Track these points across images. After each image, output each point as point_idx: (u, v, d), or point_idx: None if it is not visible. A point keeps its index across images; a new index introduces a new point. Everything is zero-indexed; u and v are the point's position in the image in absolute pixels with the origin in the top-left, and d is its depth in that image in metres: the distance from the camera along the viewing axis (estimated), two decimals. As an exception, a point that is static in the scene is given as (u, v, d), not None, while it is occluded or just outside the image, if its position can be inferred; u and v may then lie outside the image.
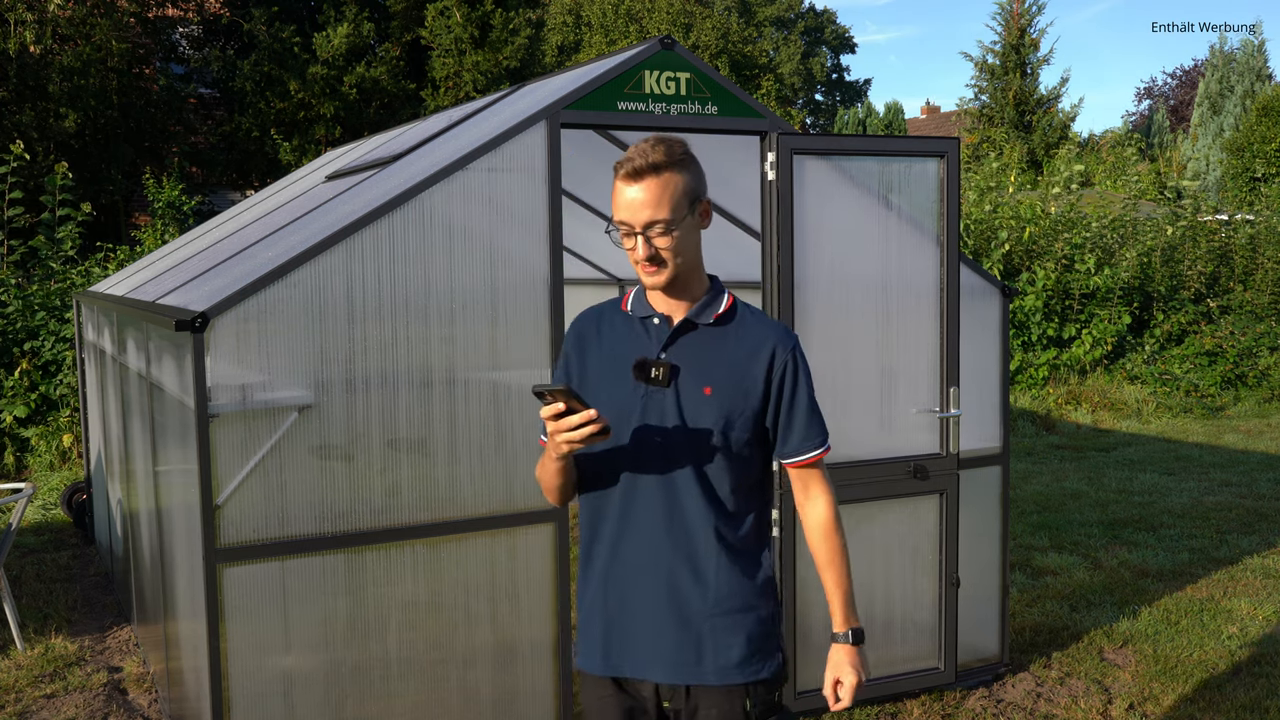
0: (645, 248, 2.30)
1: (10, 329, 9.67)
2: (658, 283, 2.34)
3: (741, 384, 2.39)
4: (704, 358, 2.39)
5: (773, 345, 2.41)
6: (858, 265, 4.52)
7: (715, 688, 2.39)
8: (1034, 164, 27.98)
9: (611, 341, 2.45)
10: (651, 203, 2.27)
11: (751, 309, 2.48)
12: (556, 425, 2.21)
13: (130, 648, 5.55)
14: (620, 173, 2.30)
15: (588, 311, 2.54)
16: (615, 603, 2.43)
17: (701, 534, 2.38)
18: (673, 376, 2.37)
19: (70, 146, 15.25)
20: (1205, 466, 9.59)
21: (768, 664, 2.44)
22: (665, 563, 2.38)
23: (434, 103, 17.80)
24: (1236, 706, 4.70)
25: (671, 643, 2.39)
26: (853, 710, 4.63)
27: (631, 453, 2.38)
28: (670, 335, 2.40)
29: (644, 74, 4.17)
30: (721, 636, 2.39)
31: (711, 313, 2.41)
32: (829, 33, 45.47)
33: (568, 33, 32.55)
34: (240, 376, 3.56)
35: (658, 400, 2.37)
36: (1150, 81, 60.16)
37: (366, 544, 3.77)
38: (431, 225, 3.84)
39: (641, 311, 2.44)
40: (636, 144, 2.31)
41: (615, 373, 2.42)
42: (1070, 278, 13.42)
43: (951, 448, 4.69)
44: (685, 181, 2.30)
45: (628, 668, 2.43)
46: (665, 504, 2.38)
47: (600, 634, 2.46)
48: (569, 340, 2.52)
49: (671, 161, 2.28)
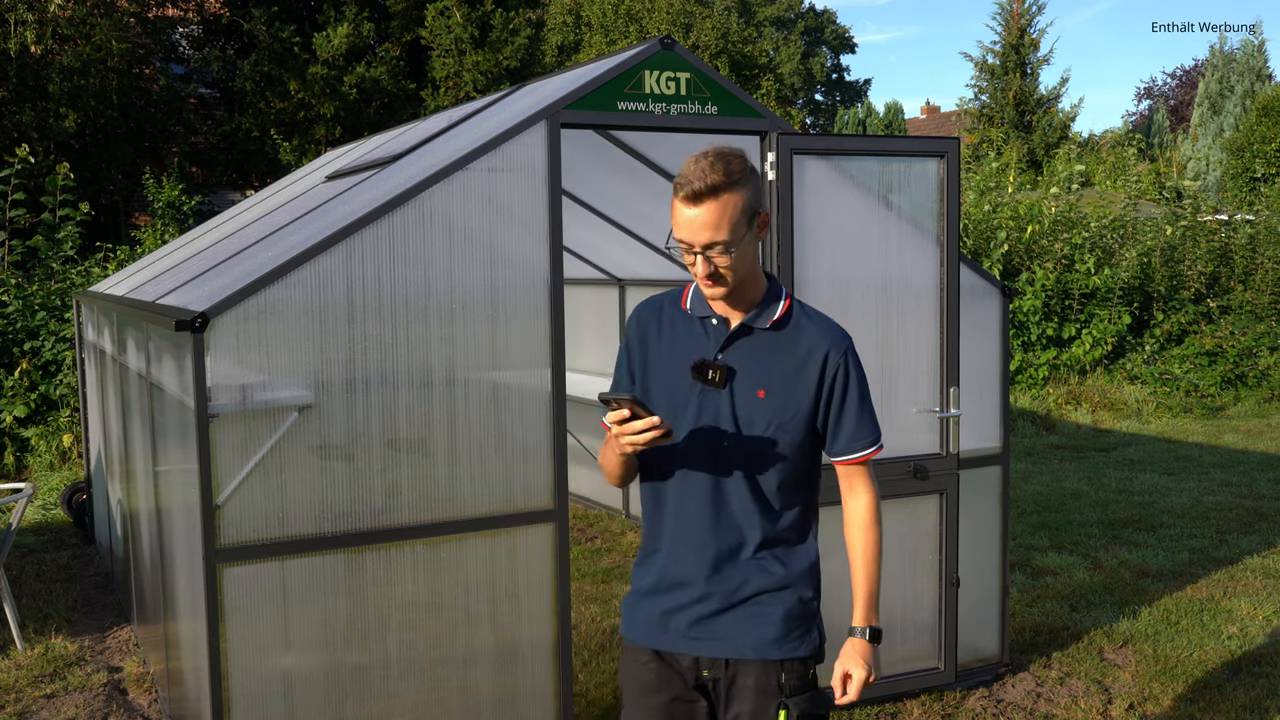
0: (705, 266, 2.35)
1: (10, 329, 9.67)
2: (717, 294, 2.41)
3: (795, 389, 2.45)
4: (759, 361, 2.46)
5: (826, 349, 2.47)
6: (858, 265, 4.52)
7: (753, 661, 2.49)
8: (1034, 164, 27.98)
9: (671, 338, 2.52)
10: (711, 225, 2.30)
11: (808, 311, 2.53)
12: (621, 429, 2.30)
13: (130, 648, 5.55)
14: (679, 195, 2.32)
15: (649, 302, 2.60)
16: (664, 589, 2.52)
17: (746, 529, 2.47)
18: (728, 379, 2.44)
19: (70, 146, 15.25)
20: (1205, 466, 9.59)
21: (804, 643, 2.52)
22: (710, 554, 2.47)
23: (434, 103, 17.80)
24: (1236, 706, 4.70)
25: (714, 623, 2.49)
26: (853, 710, 4.63)
27: (685, 449, 2.46)
28: (727, 338, 2.46)
29: (644, 74, 4.17)
30: (761, 615, 2.48)
31: (768, 318, 2.47)
32: (829, 33, 45.47)
33: (568, 33, 32.55)
34: (240, 376, 3.56)
35: (713, 400, 2.45)
36: (1150, 81, 60.17)
37: (366, 544, 3.77)
38: (431, 225, 3.84)
39: (701, 311, 2.50)
40: (695, 160, 2.32)
41: (674, 369, 2.49)
42: (1070, 278, 13.42)
43: (951, 448, 4.68)
44: (744, 199, 2.33)
45: (668, 641, 2.53)
46: (713, 500, 2.46)
47: (647, 613, 2.55)
48: (631, 329, 2.59)
49: (730, 182, 2.30)
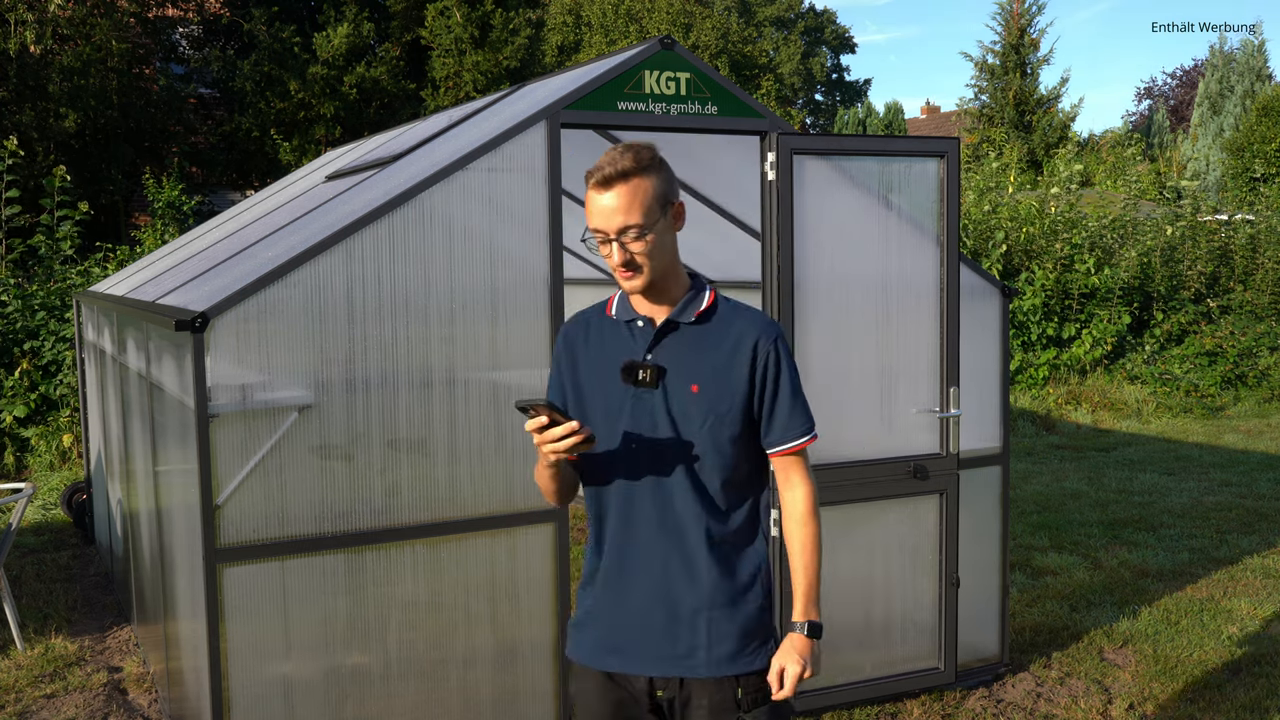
0: (620, 253, 2.35)
1: (10, 329, 9.67)
2: (635, 287, 2.39)
3: (727, 380, 2.43)
4: (689, 356, 2.44)
5: (755, 337, 2.45)
6: (858, 265, 4.52)
7: (708, 679, 2.44)
8: (1034, 164, 27.98)
9: (599, 346, 2.50)
10: (624, 209, 2.32)
11: (733, 303, 2.51)
12: (541, 438, 2.27)
13: (130, 648, 5.55)
14: (591, 181, 2.34)
15: (575, 318, 2.59)
16: (612, 601, 2.48)
17: (693, 530, 2.43)
18: (659, 377, 2.42)
19: (70, 146, 15.25)
20: (1205, 466, 9.59)
21: (760, 655, 2.48)
22: (659, 560, 2.43)
23: (434, 103, 17.80)
24: (1236, 706, 4.70)
25: (666, 639, 2.44)
26: (853, 710, 4.63)
27: (624, 454, 2.44)
28: (654, 337, 2.45)
29: (644, 74, 4.17)
30: (715, 629, 2.43)
31: (693, 311, 2.45)
32: (829, 33, 45.46)
33: (568, 33, 32.55)
34: (240, 376, 3.56)
35: (646, 401, 2.42)
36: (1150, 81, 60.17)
37: (366, 544, 3.77)
38: (431, 225, 3.84)
39: (625, 315, 2.49)
40: (606, 152, 2.36)
41: (605, 377, 2.47)
42: (1070, 277, 13.42)
43: (951, 448, 4.68)
44: (656, 185, 2.34)
45: (619, 663, 2.48)
46: (658, 502, 2.43)
47: (596, 630, 2.51)
48: (559, 347, 2.58)
49: (641, 167, 2.32)
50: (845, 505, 4.52)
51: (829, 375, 4.48)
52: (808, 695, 4.53)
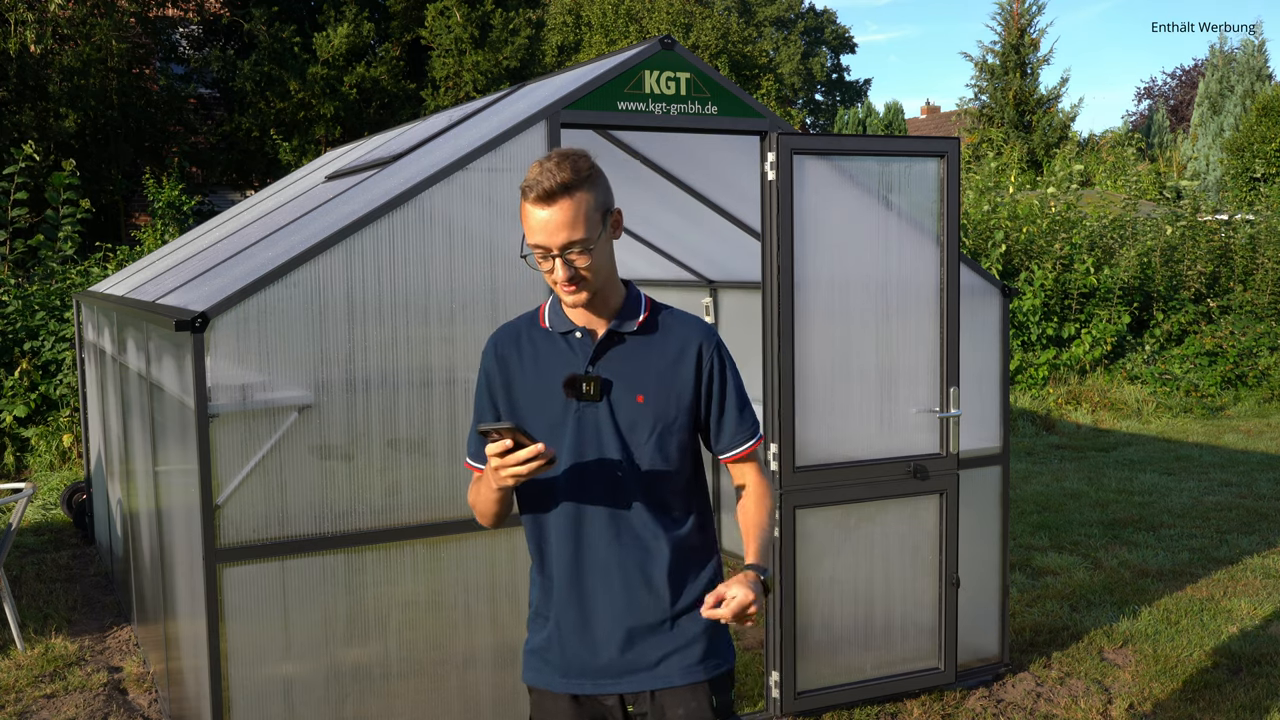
0: (565, 269, 2.27)
1: (10, 329, 9.67)
2: (580, 301, 2.32)
3: (673, 388, 2.40)
4: (632, 367, 2.39)
5: (698, 344, 2.42)
6: (858, 265, 4.52)
7: (680, 687, 2.42)
8: (1034, 164, 27.97)
9: (534, 359, 2.43)
10: (566, 224, 2.24)
11: (669, 310, 2.48)
12: (503, 461, 2.17)
13: (130, 648, 5.55)
14: (530, 196, 2.26)
15: (505, 329, 2.50)
16: (573, 621, 2.43)
17: (650, 541, 2.40)
18: (605, 390, 2.37)
19: (70, 146, 15.25)
20: (1205, 466, 9.59)
21: (726, 655, 2.48)
22: (619, 575, 2.39)
23: (434, 103, 17.80)
24: (1236, 706, 4.70)
25: (633, 653, 2.41)
26: (853, 710, 4.63)
27: (571, 470, 2.37)
28: (596, 348, 2.39)
29: (644, 74, 4.17)
30: (681, 636, 2.42)
31: (634, 321, 2.41)
32: (829, 33, 45.46)
33: (568, 33, 32.54)
34: (240, 376, 3.56)
35: (591, 415, 2.37)
36: (1150, 81, 60.16)
37: (366, 544, 3.77)
38: (431, 225, 3.84)
39: (561, 326, 2.41)
40: (539, 163, 2.27)
41: (543, 391, 2.40)
42: (1069, 277, 13.42)
43: (951, 448, 4.68)
44: (595, 197, 2.28)
45: (589, 685, 2.44)
46: (611, 516, 2.38)
47: (558, 653, 2.45)
48: (488, 359, 2.48)
49: (580, 180, 2.25)
50: (845, 505, 4.52)
51: (829, 375, 4.48)
52: (808, 695, 4.53)
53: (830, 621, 4.59)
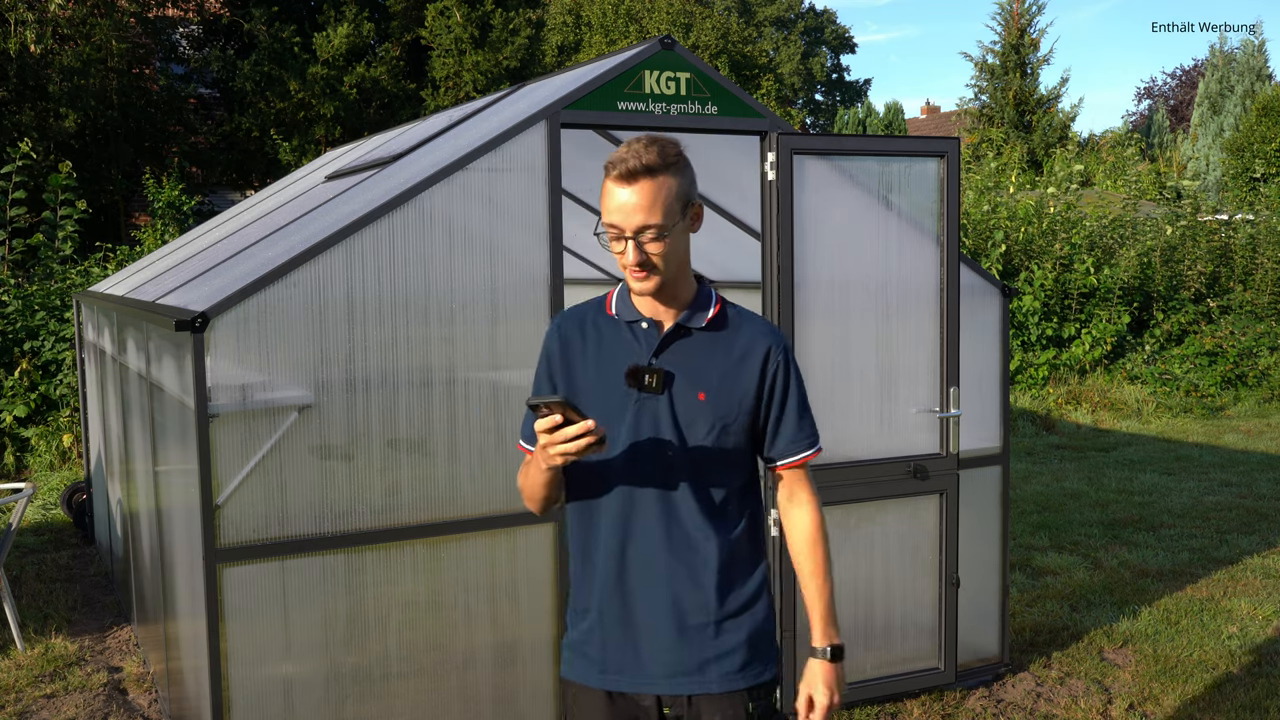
0: (636, 253, 2.23)
1: (10, 329, 9.67)
2: (647, 289, 2.27)
3: (735, 388, 2.34)
4: (696, 363, 2.34)
5: (765, 347, 2.37)
6: (858, 265, 4.52)
7: (718, 695, 2.36)
8: (1034, 164, 27.98)
9: (598, 347, 2.38)
10: (644, 207, 2.19)
11: (740, 310, 2.43)
12: (552, 438, 2.12)
13: (130, 648, 5.55)
14: (612, 173, 2.21)
15: (570, 313, 2.46)
16: (615, 617, 2.38)
17: (700, 541, 2.34)
18: (667, 383, 2.32)
19: (70, 146, 15.26)
20: (1205, 466, 9.59)
21: (768, 667, 2.41)
22: (665, 572, 2.34)
23: (434, 103, 17.80)
24: (1236, 706, 4.70)
25: (674, 654, 2.35)
26: (853, 710, 4.63)
27: (625, 461, 2.33)
28: (662, 341, 2.34)
29: (644, 74, 4.17)
30: (725, 642, 2.36)
31: (703, 317, 2.36)
32: (829, 33, 45.47)
33: (568, 33, 32.54)
34: (240, 376, 3.56)
35: (651, 407, 2.32)
36: (1150, 81, 60.15)
37: (366, 544, 3.77)
38: (431, 225, 3.84)
39: (628, 315, 2.37)
40: (629, 143, 2.23)
41: (605, 379, 2.35)
42: (1069, 277, 13.42)
43: (951, 448, 4.68)
44: (679, 185, 2.24)
45: (627, 682, 2.39)
46: (662, 512, 2.33)
47: (598, 648, 2.40)
48: (551, 343, 2.44)
49: (666, 164, 2.21)
50: (845, 505, 4.52)
51: (829, 375, 4.48)
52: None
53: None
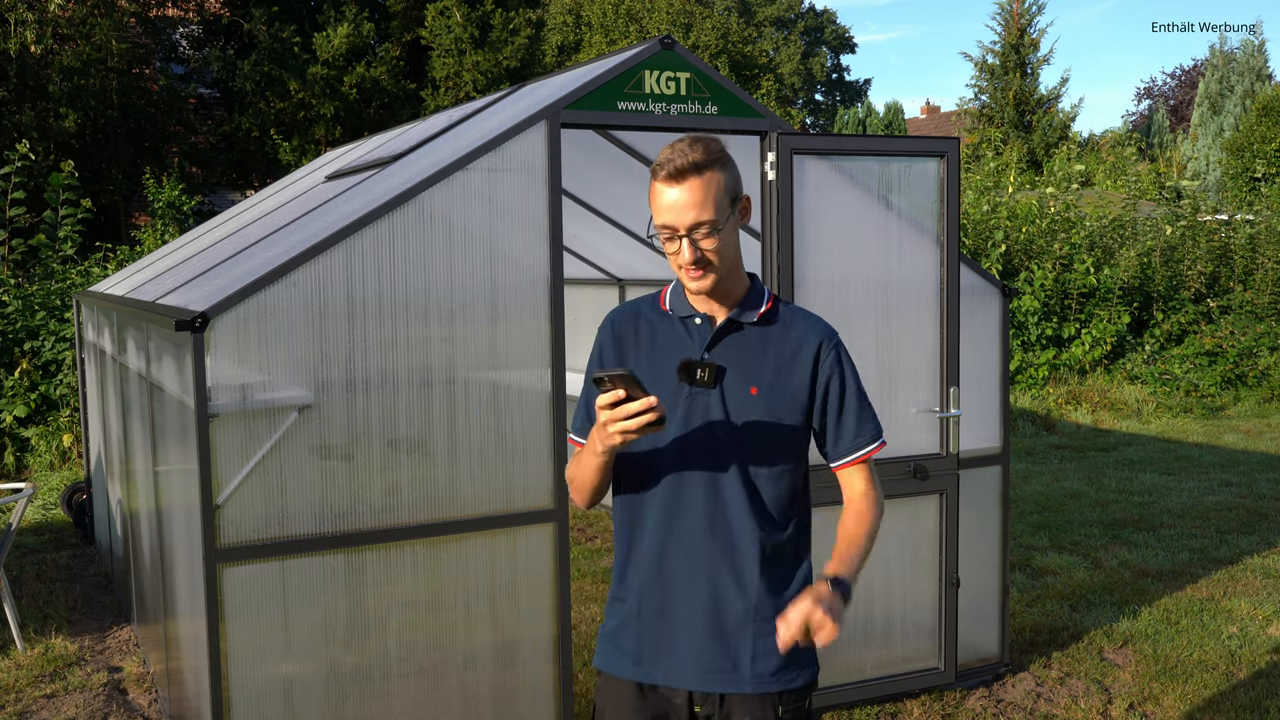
0: (691, 251, 2.23)
1: (10, 329, 9.67)
2: (704, 286, 2.28)
3: (789, 384, 2.34)
4: (749, 358, 2.34)
5: (818, 342, 2.36)
6: (858, 265, 4.52)
7: (750, 696, 2.35)
8: (1034, 164, 27.98)
9: (651, 341, 2.39)
10: (695, 204, 2.21)
11: (792, 306, 2.43)
12: (613, 414, 2.09)
13: (130, 648, 5.55)
14: (660, 175, 2.23)
15: (625, 308, 2.47)
16: (654, 609, 2.37)
17: (745, 539, 2.33)
18: (718, 378, 2.32)
19: (70, 146, 15.26)
20: (1205, 466, 9.59)
21: (803, 672, 2.39)
22: (707, 569, 2.33)
23: (434, 103, 17.80)
24: (1236, 706, 4.70)
25: (710, 651, 2.34)
26: (853, 710, 4.63)
27: (675, 455, 2.32)
28: (715, 335, 2.34)
29: (644, 74, 4.17)
30: (760, 644, 2.34)
31: (755, 311, 2.36)
32: (829, 33, 45.48)
33: (568, 33, 32.54)
34: (240, 376, 3.56)
35: (702, 402, 2.31)
36: (1150, 81, 60.16)
37: (366, 544, 3.77)
38: (431, 225, 3.84)
39: (682, 310, 2.38)
40: (672, 144, 2.25)
41: (657, 373, 2.35)
42: (1069, 277, 13.42)
43: (951, 448, 4.68)
44: (726, 179, 2.25)
45: (661, 676, 2.38)
46: (709, 508, 2.33)
47: (634, 640, 2.40)
48: (605, 336, 2.44)
49: (712, 160, 2.22)
50: (845, 505, 4.51)
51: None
52: (817, 693, 4.52)
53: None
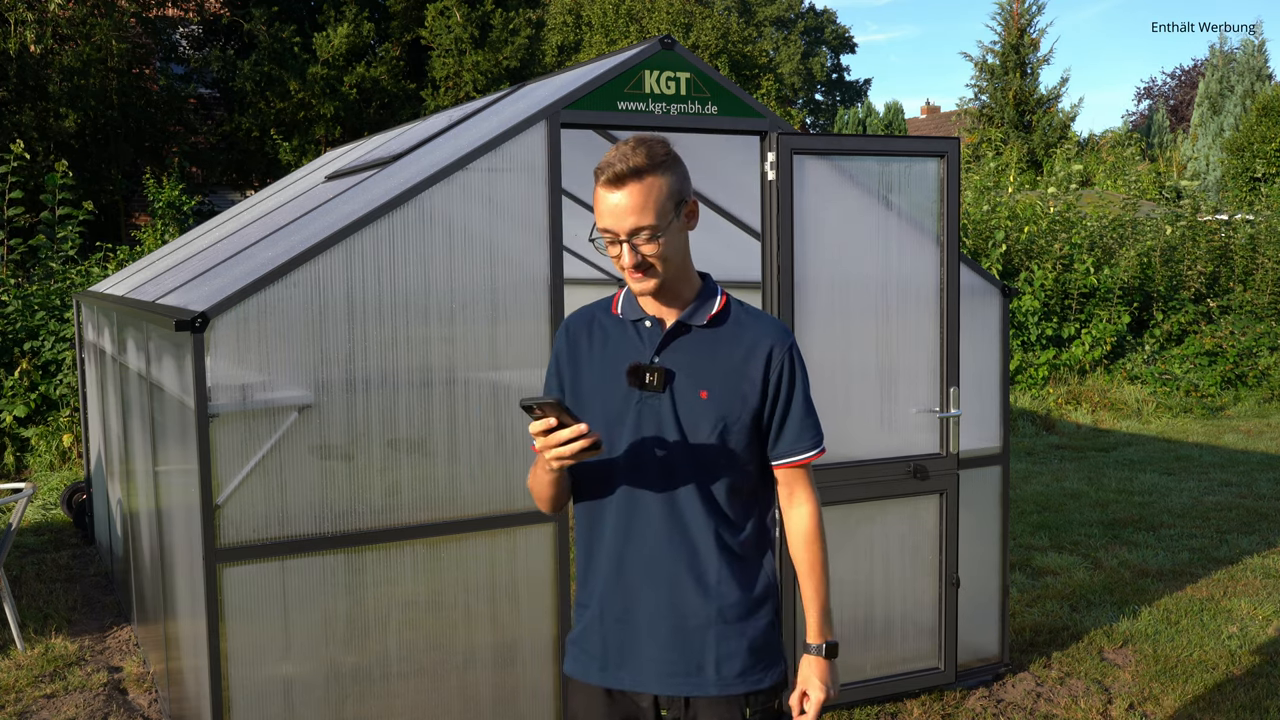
0: (632, 255, 2.22)
1: (10, 329, 9.67)
2: (646, 289, 2.27)
3: (739, 386, 2.32)
4: (699, 361, 2.32)
5: (770, 344, 2.34)
6: (858, 265, 4.52)
7: (716, 698, 2.35)
8: (1034, 164, 27.98)
9: (603, 345, 2.39)
10: (636, 209, 2.19)
11: (746, 307, 2.41)
12: (546, 441, 2.12)
13: (130, 648, 5.55)
14: (601, 179, 2.21)
15: (578, 313, 2.46)
16: (616, 615, 2.37)
17: (703, 541, 2.33)
18: (668, 381, 2.31)
19: (70, 146, 15.26)
20: (1205, 466, 9.59)
21: (769, 673, 2.39)
22: (667, 572, 2.33)
23: (434, 103, 17.80)
24: (1236, 706, 4.70)
25: (673, 654, 2.34)
26: (853, 710, 4.63)
27: (628, 461, 2.32)
28: (664, 339, 2.33)
29: (644, 74, 4.17)
30: (724, 646, 2.35)
31: (705, 314, 2.34)
32: (829, 33, 45.48)
33: (568, 33, 32.54)
34: (240, 376, 3.56)
35: (653, 406, 2.30)
36: (1150, 81, 60.16)
37: (366, 544, 3.77)
38: (431, 225, 3.84)
39: (633, 314, 2.37)
40: (616, 146, 2.24)
41: (609, 378, 2.35)
42: (1069, 277, 13.41)
43: (951, 448, 4.68)
44: (669, 184, 2.22)
45: (626, 680, 2.38)
46: (666, 512, 2.32)
47: (599, 645, 2.40)
48: (560, 342, 2.45)
49: (654, 164, 2.20)
50: (845, 505, 4.52)
51: (829, 375, 4.48)
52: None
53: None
